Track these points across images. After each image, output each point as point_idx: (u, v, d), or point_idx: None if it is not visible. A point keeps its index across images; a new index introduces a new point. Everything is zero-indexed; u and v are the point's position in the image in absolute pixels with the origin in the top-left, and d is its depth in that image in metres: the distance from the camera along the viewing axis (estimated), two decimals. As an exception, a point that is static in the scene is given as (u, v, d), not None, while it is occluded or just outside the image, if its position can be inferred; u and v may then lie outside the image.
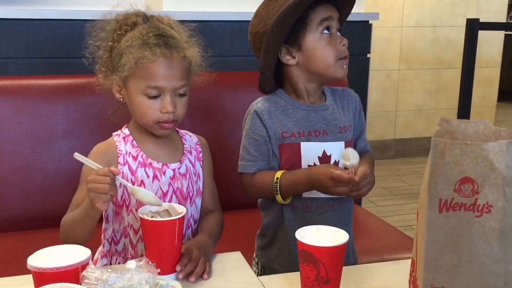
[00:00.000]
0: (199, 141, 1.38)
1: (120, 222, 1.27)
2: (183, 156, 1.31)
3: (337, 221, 1.33)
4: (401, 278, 1.06)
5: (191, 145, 1.35)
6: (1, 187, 1.77)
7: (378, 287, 1.10)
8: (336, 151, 1.33)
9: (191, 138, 1.37)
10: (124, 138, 1.28)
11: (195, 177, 1.33)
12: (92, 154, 1.25)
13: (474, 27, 2.72)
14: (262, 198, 1.41)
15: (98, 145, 1.28)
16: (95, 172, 1.10)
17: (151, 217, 1.09)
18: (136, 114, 1.25)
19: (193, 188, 1.31)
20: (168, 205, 1.15)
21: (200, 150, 1.36)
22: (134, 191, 1.13)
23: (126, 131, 1.30)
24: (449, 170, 0.80)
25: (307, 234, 1.02)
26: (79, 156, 1.12)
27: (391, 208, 3.54)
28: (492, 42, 4.73)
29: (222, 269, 1.15)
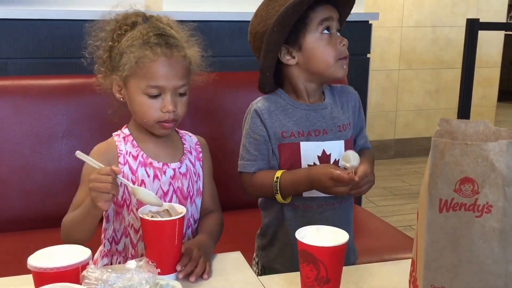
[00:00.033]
0: (198, 142, 1.38)
1: (120, 221, 1.27)
2: (183, 156, 1.31)
3: (337, 220, 1.34)
4: (401, 278, 1.06)
5: (191, 145, 1.35)
6: (1, 187, 1.77)
7: (378, 287, 1.10)
8: (336, 150, 1.33)
9: (190, 138, 1.37)
10: (124, 138, 1.28)
11: (195, 177, 1.33)
12: (92, 154, 1.25)
13: (474, 27, 2.72)
14: (262, 198, 1.41)
15: (98, 145, 1.28)
16: (97, 171, 1.10)
17: (151, 217, 1.09)
18: (137, 113, 1.25)
19: (193, 188, 1.31)
20: (168, 205, 1.15)
21: (200, 150, 1.36)
22: (135, 191, 1.13)
23: (126, 131, 1.30)
24: (449, 170, 0.80)
25: (307, 234, 1.02)
26: (80, 154, 1.12)
27: (391, 208, 3.54)
28: (492, 42, 4.73)
29: (222, 269, 1.15)
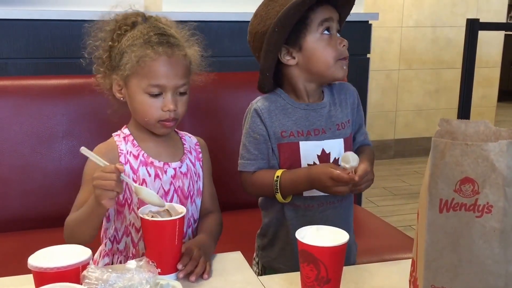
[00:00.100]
0: (198, 142, 1.38)
1: (122, 220, 1.27)
2: (184, 156, 1.32)
3: (338, 218, 1.34)
4: (401, 278, 1.06)
5: (190, 145, 1.35)
6: (1, 187, 1.77)
7: (378, 287, 1.10)
8: (335, 149, 1.34)
9: (190, 139, 1.37)
10: (124, 138, 1.28)
11: (196, 177, 1.33)
12: None
13: (474, 27, 2.72)
14: (262, 198, 1.41)
15: (98, 145, 1.28)
16: (101, 169, 1.10)
17: (152, 217, 1.09)
18: (138, 112, 1.25)
19: (193, 188, 1.32)
20: (168, 205, 1.14)
21: (200, 150, 1.36)
22: (138, 190, 1.13)
23: (126, 131, 1.30)
24: (450, 170, 0.80)
25: (307, 234, 1.02)
26: (85, 150, 1.12)
27: (391, 208, 3.54)
28: (492, 42, 4.73)
29: (222, 269, 1.15)
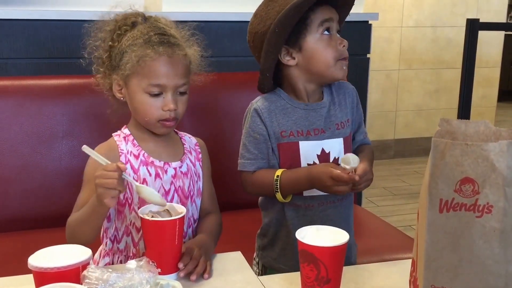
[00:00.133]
0: (197, 143, 1.38)
1: (122, 220, 1.27)
2: (184, 156, 1.32)
3: (339, 217, 1.35)
4: (401, 278, 1.06)
5: (190, 145, 1.35)
6: (1, 187, 1.77)
7: (378, 287, 1.10)
8: (335, 148, 1.34)
9: (190, 139, 1.37)
10: (124, 137, 1.28)
11: (196, 177, 1.33)
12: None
13: (474, 27, 2.72)
14: (263, 198, 1.41)
15: (99, 146, 1.28)
16: (103, 168, 1.09)
17: (152, 217, 1.09)
18: (138, 112, 1.25)
19: (194, 188, 1.32)
20: (168, 205, 1.14)
21: (199, 151, 1.37)
22: (140, 190, 1.13)
23: (126, 131, 1.30)
24: (450, 170, 0.80)
25: (308, 234, 1.03)
26: (87, 148, 1.12)
27: (391, 208, 3.54)
28: (492, 42, 4.73)
29: (222, 269, 1.15)
